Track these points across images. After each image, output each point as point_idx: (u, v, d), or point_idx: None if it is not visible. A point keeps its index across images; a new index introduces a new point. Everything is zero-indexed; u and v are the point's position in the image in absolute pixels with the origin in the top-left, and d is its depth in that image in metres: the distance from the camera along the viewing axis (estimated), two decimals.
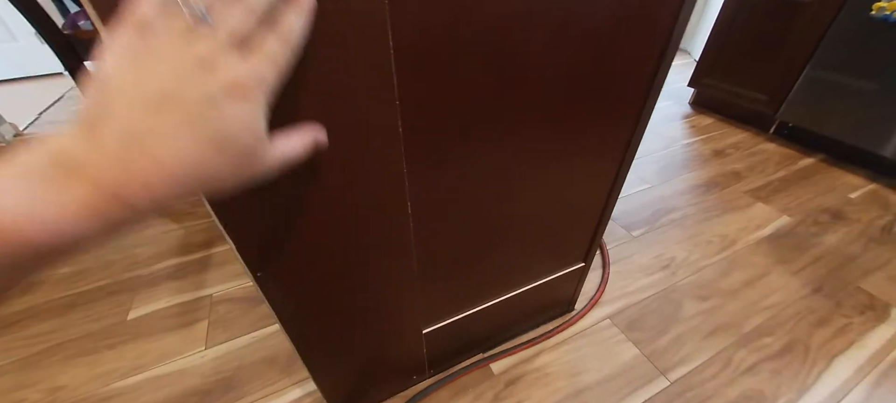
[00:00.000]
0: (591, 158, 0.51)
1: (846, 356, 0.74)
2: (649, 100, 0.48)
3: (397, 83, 0.31)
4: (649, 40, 0.42)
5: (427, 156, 0.37)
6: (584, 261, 0.70)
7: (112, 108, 0.18)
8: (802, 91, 1.36)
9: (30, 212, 0.16)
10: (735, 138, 1.53)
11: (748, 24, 1.46)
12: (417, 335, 0.58)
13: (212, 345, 0.77)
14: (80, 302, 0.88)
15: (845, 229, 1.05)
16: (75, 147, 0.17)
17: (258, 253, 0.34)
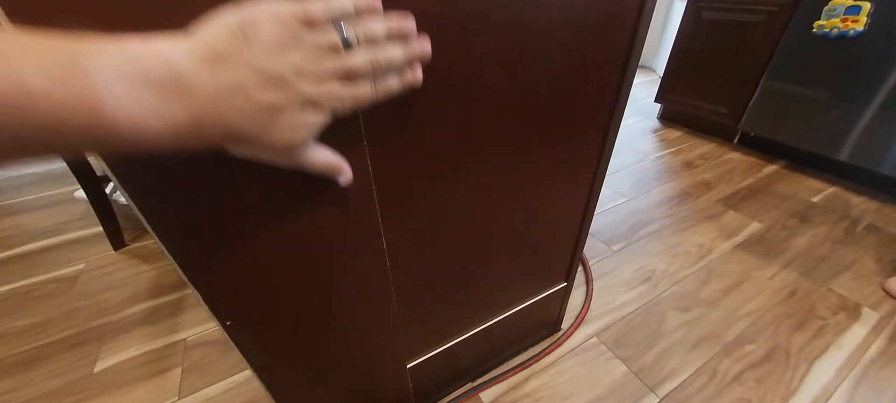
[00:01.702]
0: (563, 179, 0.52)
1: (825, 357, 0.76)
2: (614, 119, 0.50)
3: (364, 124, 0.31)
4: (608, 65, 0.44)
5: (399, 193, 0.37)
6: (567, 280, 0.70)
7: (241, 58, 0.20)
8: (760, 103, 1.45)
9: (132, 112, 0.18)
10: (702, 149, 1.60)
11: (704, 43, 1.56)
12: (401, 370, 0.57)
13: (186, 395, 0.72)
14: (42, 356, 0.82)
15: (812, 232, 1.10)
16: (193, 74, 0.19)
17: (226, 302, 0.33)
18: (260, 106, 0.21)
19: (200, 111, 0.19)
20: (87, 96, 0.16)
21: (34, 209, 1.40)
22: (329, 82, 0.23)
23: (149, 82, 0.18)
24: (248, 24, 0.20)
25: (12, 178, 1.67)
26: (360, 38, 0.23)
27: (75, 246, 1.16)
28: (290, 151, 0.24)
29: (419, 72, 0.27)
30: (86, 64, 0.16)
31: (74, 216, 1.33)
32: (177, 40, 0.19)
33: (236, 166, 0.27)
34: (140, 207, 0.26)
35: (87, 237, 1.20)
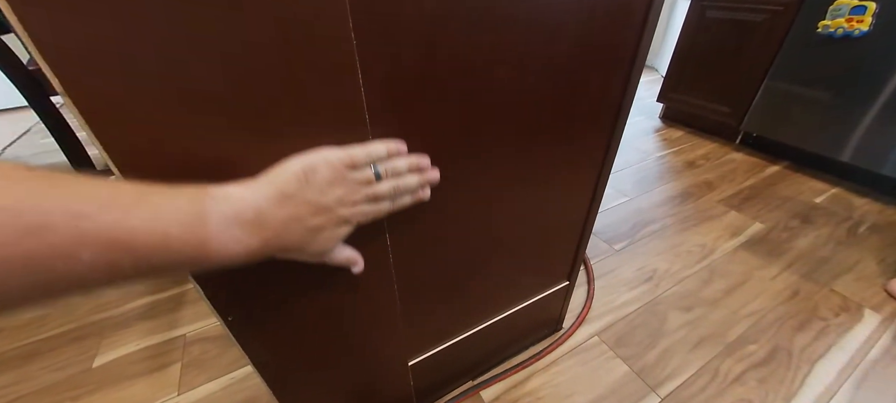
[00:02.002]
0: (568, 177, 0.52)
1: (827, 359, 0.75)
2: (619, 118, 0.49)
3: (369, 119, 0.31)
4: (615, 63, 0.43)
5: None
6: (569, 279, 0.70)
7: (302, 197, 0.26)
8: (762, 103, 1.44)
9: (226, 245, 0.23)
10: (704, 149, 1.60)
11: (707, 43, 1.56)
12: (403, 368, 0.56)
13: (185, 390, 0.72)
14: (42, 350, 0.82)
15: (814, 233, 1.09)
16: (269, 212, 0.25)
17: (228, 297, 0.33)
18: (309, 228, 0.27)
19: (269, 237, 0.25)
20: (202, 237, 0.22)
21: None
22: (361, 205, 0.30)
23: (240, 222, 0.23)
24: (310, 170, 0.26)
25: None
26: (388, 173, 0.31)
27: None
28: (321, 256, 0.30)
29: (428, 192, 0.35)
30: (205, 212, 0.22)
31: None
32: (259, 186, 0.25)
33: (235, 170, 0.27)
34: None
35: None
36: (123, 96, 0.22)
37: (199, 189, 0.22)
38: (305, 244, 0.28)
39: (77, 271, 0.18)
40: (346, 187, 0.28)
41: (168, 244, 0.20)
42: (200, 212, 0.22)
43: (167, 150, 0.24)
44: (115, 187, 0.19)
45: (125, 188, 0.20)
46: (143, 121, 0.23)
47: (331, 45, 0.26)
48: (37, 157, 1.79)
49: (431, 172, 0.35)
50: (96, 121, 0.22)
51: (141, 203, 0.20)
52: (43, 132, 2.16)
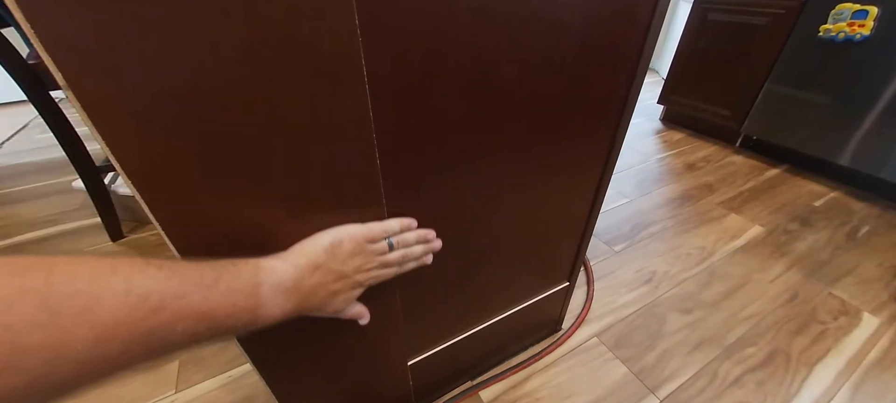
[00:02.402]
0: (571, 177, 0.52)
1: (825, 362, 0.76)
2: (623, 120, 0.49)
3: (373, 116, 0.30)
4: (620, 63, 0.43)
5: (406, 186, 0.37)
6: (569, 280, 0.70)
7: (328, 266, 0.31)
8: (763, 106, 1.44)
9: (271, 311, 0.27)
10: (705, 151, 1.60)
11: (709, 45, 1.56)
12: (402, 367, 0.56)
13: (183, 388, 0.72)
14: None
15: (813, 236, 1.09)
16: (303, 280, 0.29)
17: None
18: (331, 292, 0.32)
19: (300, 301, 0.29)
20: (256, 305, 0.26)
21: (32, 198, 1.39)
22: (374, 271, 0.35)
23: (282, 290, 0.28)
24: (336, 243, 0.32)
25: (10, 167, 1.66)
26: (399, 244, 0.36)
27: (73, 237, 1.15)
28: (336, 313, 0.34)
29: (430, 258, 0.40)
30: (259, 285, 0.26)
31: (72, 206, 1.32)
32: (295, 257, 0.30)
33: (241, 165, 0.27)
34: (145, 198, 0.25)
35: (85, 228, 1.19)
36: (130, 98, 0.22)
37: (254, 264, 0.27)
38: (326, 305, 0.32)
39: (171, 340, 0.22)
40: (364, 257, 0.33)
41: (235, 313, 0.25)
42: (256, 285, 0.26)
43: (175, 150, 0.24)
44: (200, 269, 0.24)
45: (206, 269, 0.24)
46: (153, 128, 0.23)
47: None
48: (35, 153, 1.78)
49: (435, 242, 0.40)
50: (99, 117, 0.22)
51: (219, 281, 0.24)
52: (41, 127, 2.15)
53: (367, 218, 0.35)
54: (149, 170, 0.24)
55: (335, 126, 0.29)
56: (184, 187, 0.26)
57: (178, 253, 0.28)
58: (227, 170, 0.27)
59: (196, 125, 0.24)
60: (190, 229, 0.28)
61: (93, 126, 0.22)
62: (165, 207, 0.26)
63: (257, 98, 0.25)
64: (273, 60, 0.24)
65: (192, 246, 0.28)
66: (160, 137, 0.24)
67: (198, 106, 0.24)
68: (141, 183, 0.25)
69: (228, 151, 0.26)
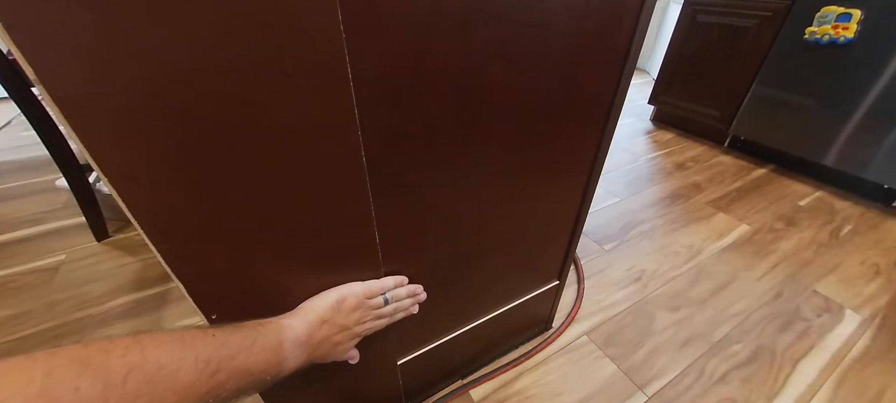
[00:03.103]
0: (559, 176, 0.52)
1: (809, 358, 0.77)
2: (610, 119, 0.49)
3: (359, 115, 0.30)
4: (607, 63, 0.43)
5: (393, 187, 0.37)
6: (559, 279, 0.70)
7: (333, 321, 0.36)
8: (750, 107, 1.47)
9: (290, 364, 0.32)
10: (693, 151, 1.62)
11: (698, 47, 1.58)
12: (392, 366, 0.56)
13: None
14: (19, 349, 0.79)
15: (798, 235, 1.12)
16: (315, 334, 0.34)
17: (212, 294, 0.32)
18: (334, 343, 0.37)
19: (310, 352, 0.34)
20: (281, 359, 0.31)
21: (14, 197, 1.35)
22: (369, 322, 0.40)
23: (299, 344, 0.33)
24: (341, 300, 0.37)
25: None
26: (393, 299, 0.42)
27: (56, 237, 1.13)
28: (335, 360, 0.39)
29: (416, 309, 0.47)
30: (282, 341, 0.31)
31: (56, 205, 1.29)
32: (307, 315, 0.35)
33: (222, 162, 0.26)
34: (123, 197, 0.25)
35: (69, 227, 1.17)
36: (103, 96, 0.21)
37: (277, 323, 0.32)
38: (329, 354, 0.37)
39: (223, 395, 0.26)
40: (363, 311, 0.39)
41: (267, 368, 0.29)
42: (280, 342, 0.31)
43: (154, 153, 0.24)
44: (241, 332, 0.29)
45: (245, 332, 0.29)
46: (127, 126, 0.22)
47: None
48: (18, 151, 1.74)
49: (421, 295, 0.47)
50: (72, 113, 0.21)
51: (255, 342, 0.29)
52: (23, 125, 2.10)
53: (355, 216, 0.35)
54: (125, 166, 0.24)
55: (319, 124, 0.29)
56: (161, 184, 0.25)
57: (157, 250, 0.28)
58: (204, 167, 0.26)
59: (171, 122, 0.24)
60: (168, 226, 0.27)
61: (65, 121, 0.21)
62: (143, 205, 0.26)
63: (235, 94, 0.25)
64: (252, 56, 0.24)
65: (173, 242, 0.28)
66: (135, 132, 0.23)
67: (174, 101, 0.23)
68: (117, 180, 0.24)
69: (205, 148, 0.26)
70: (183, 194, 0.26)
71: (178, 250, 0.28)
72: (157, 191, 0.25)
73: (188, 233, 0.28)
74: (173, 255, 0.28)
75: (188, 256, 0.29)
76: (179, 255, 0.29)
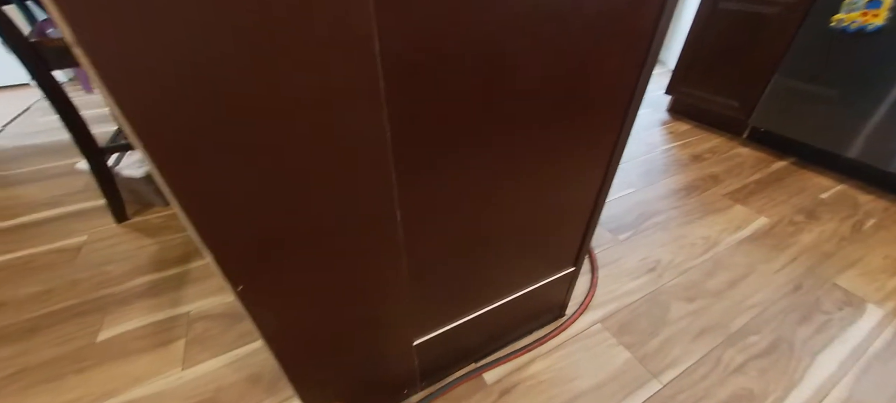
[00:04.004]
0: (580, 162, 0.51)
1: (829, 351, 0.76)
2: (632, 105, 0.48)
3: (385, 91, 0.30)
4: (632, 44, 0.42)
5: (416, 164, 0.36)
6: (575, 265, 0.70)
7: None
8: (771, 97, 1.43)
9: None
10: (711, 143, 1.59)
11: (718, 35, 1.53)
12: (408, 347, 0.56)
13: (189, 366, 0.73)
14: (44, 324, 0.82)
15: (819, 228, 1.09)
16: None
17: (239, 266, 0.32)
18: None
19: None
20: None
21: (36, 180, 1.39)
22: None
23: None
24: None
25: (12, 149, 1.65)
26: None
27: (77, 218, 1.16)
28: None
29: None
30: None
31: (76, 188, 1.32)
32: None
33: (252, 128, 0.26)
34: (162, 170, 0.25)
35: (89, 209, 1.19)
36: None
37: None
38: None
39: None
40: None
41: None
42: None
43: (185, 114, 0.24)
44: None
45: None
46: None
47: None
48: (37, 136, 1.78)
49: None
50: (109, 75, 0.21)
51: None
52: (42, 111, 2.15)
53: (378, 191, 0.35)
54: (159, 132, 0.24)
55: (346, 94, 0.29)
56: (195, 151, 0.26)
57: (189, 219, 0.28)
58: (236, 133, 0.26)
59: (206, 88, 0.24)
60: (201, 196, 0.28)
61: (105, 88, 0.21)
62: (177, 172, 0.26)
63: (266, 64, 0.25)
64: (289, 19, 0.24)
65: (205, 211, 0.28)
66: (171, 97, 0.23)
67: (205, 68, 0.23)
68: (153, 148, 0.24)
69: (238, 114, 0.26)
70: (216, 162, 0.26)
71: (209, 219, 0.29)
72: (192, 158, 0.26)
73: (219, 202, 0.28)
74: (205, 225, 0.29)
75: (218, 225, 0.29)
76: (210, 225, 0.29)
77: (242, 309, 0.35)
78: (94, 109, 1.97)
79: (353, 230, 0.37)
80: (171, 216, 1.16)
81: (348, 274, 0.40)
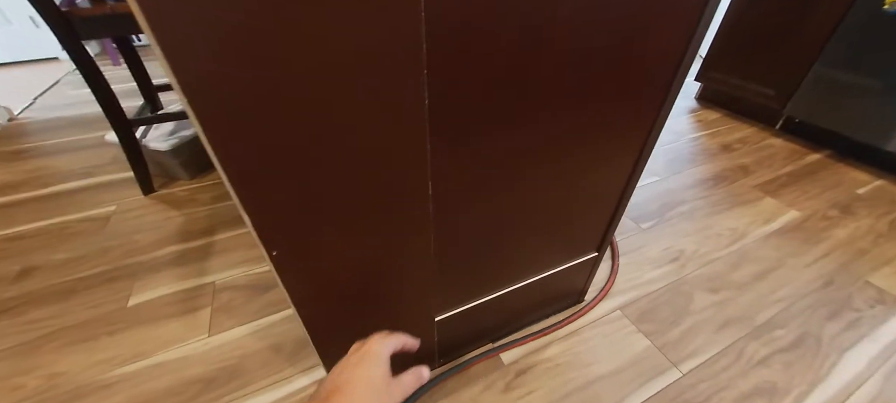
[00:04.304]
0: (613, 145, 0.50)
1: (857, 349, 0.73)
2: (674, 86, 0.46)
3: (427, 51, 0.29)
4: (680, 22, 0.40)
5: (451, 133, 0.36)
6: (598, 251, 0.69)
7: (328, 391, 0.35)
8: (810, 86, 1.35)
9: None
10: (742, 133, 1.53)
11: (758, 18, 1.45)
12: (430, 322, 0.57)
13: (215, 333, 0.75)
14: (79, 288, 0.86)
15: (854, 224, 1.04)
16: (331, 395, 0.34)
17: (276, 231, 0.33)
18: (358, 394, 0.36)
19: None
20: None
21: (67, 151, 1.43)
22: (366, 351, 0.39)
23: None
24: (342, 367, 0.38)
25: (44, 121, 1.71)
26: None
27: (106, 189, 1.20)
28: (385, 388, 0.38)
29: None
30: None
31: (105, 160, 1.36)
32: None
33: (291, 86, 0.26)
34: (209, 136, 0.25)
35: (118, 181, 1.23)
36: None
37: None
38: (357, 388, 0.36)
39: None
40: (351, 351, 0.41)
41: None
42: None
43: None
44: None
45: None
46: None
47: None
48: (67, 108, 1.83)
49: None
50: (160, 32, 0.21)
51: None
52: (72, 84, 2.21)
53: (412, 159, 0.35)
54: (205, 88, 0.24)
55: (387, 55, 0.28)
56: (239, 110, 0.25)
57: (230, 183, 0.28)
58: (278, 93, 0.26)
59: (251, 45, 0.23)
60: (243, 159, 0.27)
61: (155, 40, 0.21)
62: (222, 136, 0.26)
63: (315, 16, 0.24)
64: None
65: (245, 174, 0.28)
66: (216, 53, 0.23)
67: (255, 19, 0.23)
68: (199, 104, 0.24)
69: (282, 72, 0.25)
70: (259, 122, 0.26)
71: (248, 182, 0.29)
72: (237, 118, 0.25)
73: (260, 167, 0.28)
74: (244, 188, 0.29)
75: (257, 190, 0.29)
76: (249, 188, 0.29)
77: (266, 281, 0.36)
78: (120, 84, 2.01)
79: (386, 200, 0.36)
80: (195, 189, 1.18)
81: (378, 244, 0.40)
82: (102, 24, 0.90)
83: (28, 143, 1.50)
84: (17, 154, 1.43)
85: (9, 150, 1.45)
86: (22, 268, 0.90)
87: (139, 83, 1.30)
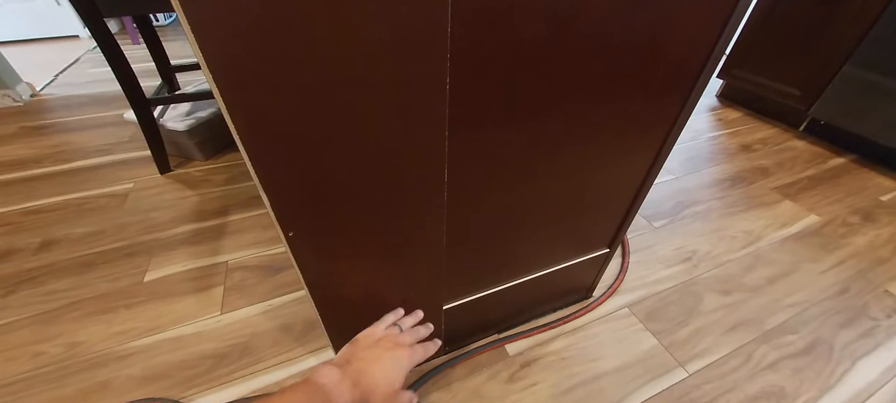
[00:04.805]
0: (634, 138, 0.49)
1: (872, 357, 0.72)
2: (702, 77, 0.45)
3: (451, 34, 0.28)
4: (715, 7, 0.38)
5: (471, 119, 0.35)
6: (609, 247, 0.68)
7: (357, 355, 0.43)
8: (838, 88, 1.30)
9: (342, 395, 0.38)
10: (763, 133, 1.48)
11: (788, 15, 1.39)
12: (438, 310, 0.57)
13: (227, 311, 0.77)
14: (97, 261, 0.88)
15: (875, 232, 1.01)
16: (346, 372, 0.40)
17: (293, 212, 0.33)
18: (375, 360, 0.43)
19: (356, 382, 0.40)
20: None
21: (87, 128, 1.47)
22: (398, 347, 0.45)
23: (339, 382, 0.38)
24: (353, 341, 0.46)
25: (64, 98, 1.75)
26: (404, 327, 0.50)
27: (124, 167, 1.22)
28: (410, 364, 0.45)
29: (430, 345, 0.50)
30: (329, 392, 0.37)
31: (123, 138, 1.39)
32: (334, 364, 0.40)
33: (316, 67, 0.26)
34: (232, 115, 0.25)
35: (135, 159, 1.26)
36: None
37: (321, 385, 0.37)
38: (383, 371, 0.42)
39: None
40: (383, 336, 0.46)
41: None
42: (328, 393, 0.37)
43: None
44: (309, 397, 0.35)
45: (299, 397, 0.35)
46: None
47: None
48: (87, 86, 1.87)
49: (428, 326, 0.54)
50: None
51: None
52: (92, 61, 2.25)
53: (430, 144, 0.34)
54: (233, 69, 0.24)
55: (413, 41, 0.27)
56: (263, 91, 0.25)
57: (252, 163, 0.28)
58: (302, 74, 0.26)
59: (279, 27, 0.23)
60: (266, 142, 0.28)
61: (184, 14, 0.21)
62: (245, 113, 0.26)
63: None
64: None
65: (266, 156, 0.28)
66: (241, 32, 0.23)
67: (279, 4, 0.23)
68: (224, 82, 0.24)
69: (308, 53, 0.25)
70: (282, 103, 0.26)
71: (269, 162, 0.29)
72: (261, 97, 0.25)
73: (279, 145, 0.28)
74: (265, 168, 0.29)
75: (277, 169, 0.30)
76: (270, 168, 0.29)
77: (278, 263, 0.37)
78: (139, 64, 2.04)
79: (403, 186, 0.36)
80: (210, 170, 1.20)
81: (392, 229, 0.40)
82: (125, 0, 0.91)
83: (50, 119, 1.54)
84: (39, 129, 1.46)
85: (31, 126, 1.49)
86: (43, 241, 0.94)
87: (157, 63, 1.31)
